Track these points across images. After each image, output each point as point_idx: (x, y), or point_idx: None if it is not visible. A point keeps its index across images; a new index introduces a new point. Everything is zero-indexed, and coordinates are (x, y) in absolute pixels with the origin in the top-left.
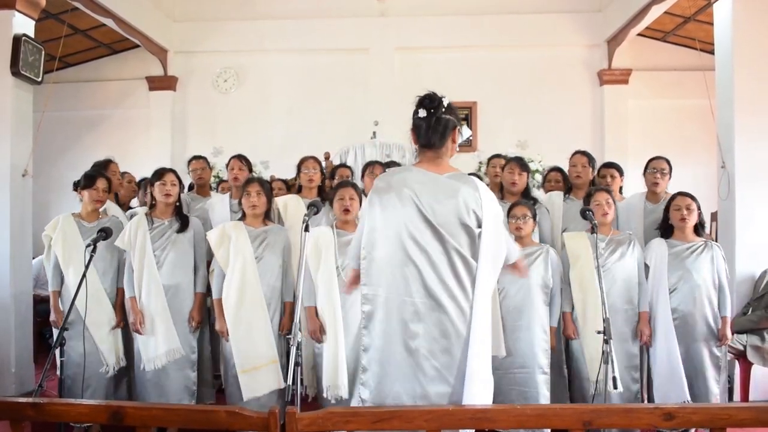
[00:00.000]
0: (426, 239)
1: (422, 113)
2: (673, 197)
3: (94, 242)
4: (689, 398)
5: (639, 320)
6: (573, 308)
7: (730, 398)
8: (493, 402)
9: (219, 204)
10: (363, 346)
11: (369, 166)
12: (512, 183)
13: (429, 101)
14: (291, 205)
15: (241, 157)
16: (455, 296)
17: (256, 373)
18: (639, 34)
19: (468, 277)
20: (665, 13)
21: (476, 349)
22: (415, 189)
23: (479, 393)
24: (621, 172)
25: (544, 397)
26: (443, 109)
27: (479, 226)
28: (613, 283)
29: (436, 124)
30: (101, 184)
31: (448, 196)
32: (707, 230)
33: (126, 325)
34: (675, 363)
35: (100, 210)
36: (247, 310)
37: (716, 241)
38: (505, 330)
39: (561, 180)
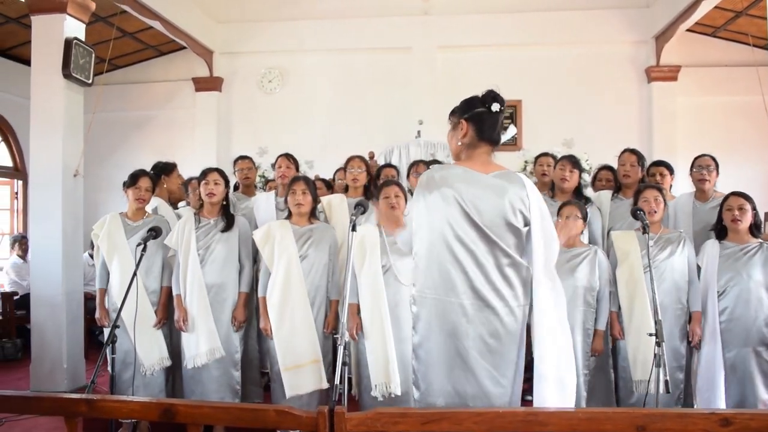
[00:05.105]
0: (472, 239)
1: (496, 107)
2: (727, 197)
3: (145, 241)
4: (724, 406)
5: (691, 320)
6: (619, 308)
7: None
8: None
9: (264, 202)
10: (413, 346)
11: (414, 165)
12: (562, 179)
13: (501, 97)
14: (335, 204)
15: (288, 156)
16: (504, 296)
17: (299, 371)
18: (688, 30)
19: (517, 277)
20: (715, 7)
21: (542, 351)
22: (459, 188)
23: (550, 395)
24: (671, 171)
25: (582, 398)
26: None
27: (526, 224)
28: (662, 281)
29: (502, 121)
30: (143, 183)
31: (494, 196)
32: (763, 231)
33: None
34: (717, 368)
35: (149, 209)
36: (291, 308)
37: None
38: None
39: (612, 179)
